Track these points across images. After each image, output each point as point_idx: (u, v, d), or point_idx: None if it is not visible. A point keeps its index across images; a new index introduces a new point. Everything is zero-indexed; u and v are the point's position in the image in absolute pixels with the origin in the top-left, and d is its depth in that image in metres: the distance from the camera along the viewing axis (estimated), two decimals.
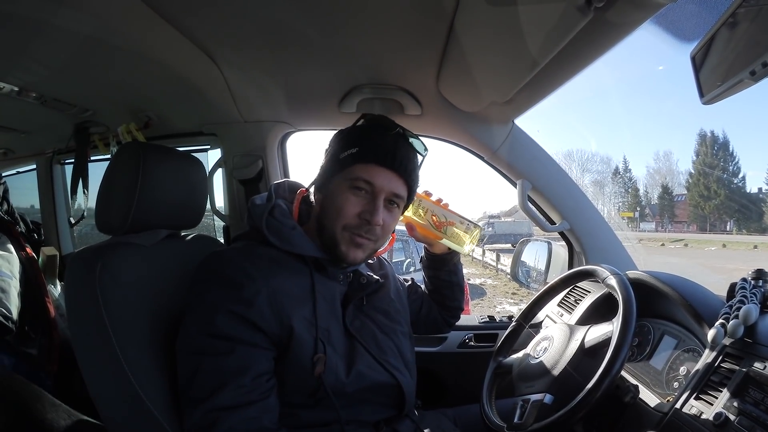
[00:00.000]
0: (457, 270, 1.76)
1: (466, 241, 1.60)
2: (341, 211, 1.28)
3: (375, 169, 1.28)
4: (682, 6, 0.99)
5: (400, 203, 1.36)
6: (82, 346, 1.21)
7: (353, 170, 1.29)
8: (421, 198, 1.59)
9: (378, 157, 1.28)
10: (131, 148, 1.41)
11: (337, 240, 1.29)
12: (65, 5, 1.25)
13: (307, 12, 1.32)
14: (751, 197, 71.38)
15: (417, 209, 1.59)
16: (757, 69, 0.80)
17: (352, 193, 1.28)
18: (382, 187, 1.28)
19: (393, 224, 1.38)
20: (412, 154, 1.37)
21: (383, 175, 1.29)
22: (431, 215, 1.59)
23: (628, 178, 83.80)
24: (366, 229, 1.29)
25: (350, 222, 1.28)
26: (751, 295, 1.25)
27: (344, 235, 1.29)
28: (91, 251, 1.25)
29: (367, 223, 1.28)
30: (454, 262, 1.74)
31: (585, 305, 1.85)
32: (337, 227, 1.28)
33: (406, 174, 1.32)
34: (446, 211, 1.60)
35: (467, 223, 1.60)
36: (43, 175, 3.12)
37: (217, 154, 2.38)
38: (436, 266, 1.73)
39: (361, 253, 1.32)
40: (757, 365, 1.07)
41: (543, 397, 1.34)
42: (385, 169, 1.29)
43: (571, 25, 1.02)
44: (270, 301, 1.16)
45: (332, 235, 1.29)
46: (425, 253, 1.76)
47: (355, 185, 1.28)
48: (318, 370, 1.19)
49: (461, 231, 1.59)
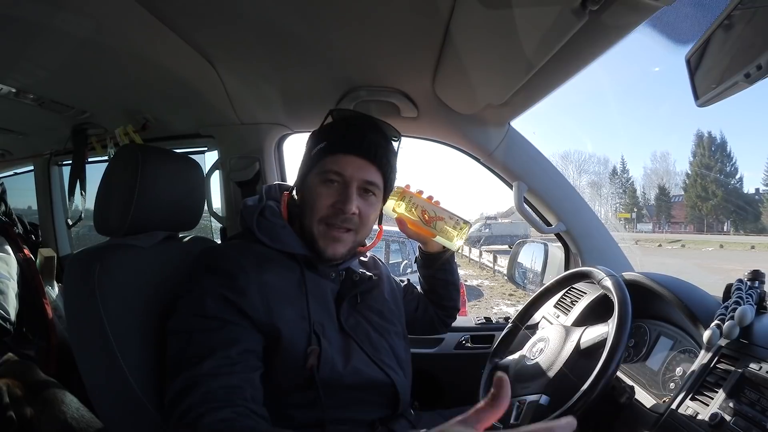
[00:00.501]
0: (451, 268, 1.77)
1: (455, 236, 1.61)
2: (315, 205, 1.30)
3: (344, 159, 1.30)
4: (677, 8, 1.00)
5: (376, 191, 1.37)
6: (81, 348, 1.22)
7: (323, 164, 1.31)
8: (411, 194, 1.61)
9: (345, 147, 1.30)
10: (130, 150, 1.41)
11: (314, 235, 1.31)
12: (64, 8, 1.26)
13: (303, 15, 1.32)
14: (748, 198, 71.61)
15: (408, 206, 1.61)
16: (752, 71, 0.81)
17: (324, 187, 1.30)
18: (353, 175, 1.30)
19: (372, 213, 1.38)
20: (383, 140, 1.38)
21: (353, 164, 1.30)
22: (421, 211, 1.60)
23: (626, 179, 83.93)
24: (341, 219, 1.29)
25: (324, 213, 1.29)
26: (747, 296, 1.25)
27: (320, 228, 1.30)
28: (89, 253, 1.26)
29: (341, 212, 1.29)
30: (446, 259, 1.74)
31: (581, 307, 1.85)
32: (314, 221, 1.30)
33: (376, 160, 1.33)
34: (436, 207, 1.62)
35: (456, 219, 1.61)
36: (41, 176, 3.12)
37: (214, 156, 2.37)
38: (431, 265, 1.74)
39: (341, 247, 1.33)
40: (752, 366, 1.07)
41: (539, 398, 1.34)
42: (354, 157, 1.30)
43: (566, 27, 1.03)
44: (261, 294, 1.18)
45: (310, 231, 1.31)
46: (419, 252, 1.77)
47: (327, 178, 1.30)
48: (311, 362, 1.19)
49: (450, 227, 1.61)
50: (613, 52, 1.19)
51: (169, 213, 1.48)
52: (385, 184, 1.40)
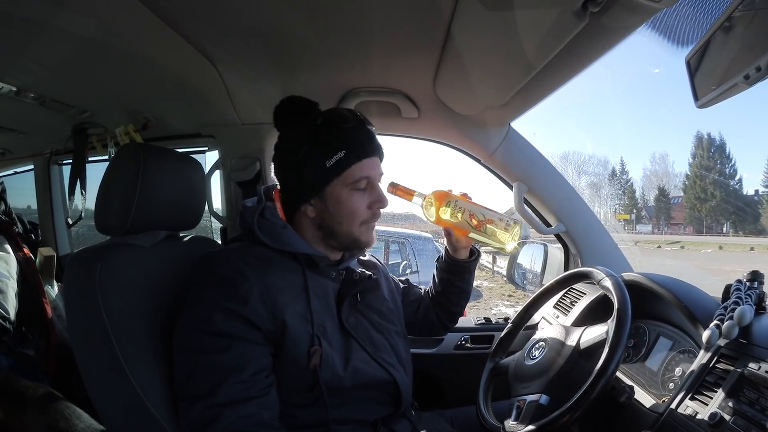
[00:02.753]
0: (471, 278, 1.75)
1: (507, 239, 1.54)
2: (356, 213, 1.34)
3: (368, 163, 1.33)
4: (677, 10, 1.00)
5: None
6: (81, 347, 1.22)
7: (351, 173, 1.31)
8: (457, 199, 1.56)
9: (366, 152, 1.33)
10: (131, 149, 1.41)
11: (355, 236, 1.36)
12: (65, 7, 1.26)
13: (305, 15, 1.33)
14: (748, 199, 71.45)
15: (455, 212, 1.54)
16: (751, 73, 0.81)
17: (357, 195, 1.33)
18: (376, 174, 1.37)
19: None
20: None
21: (372, 165, 1.35)
22: (469, 215, 1.54)
23: (625, 181, 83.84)
24: (377, 215, 1.40)
25: (365, 217, 1.35)
26: (746, 297, 1.25)
27: (362, 229, 1.36)
28: (90, 252, 1.26)
29: (379, 210, 1.39)
30: (473, 270, 1.74)
31: (580, 307, 1.86)
32: (354, 227, 1.35)
33: (382, 153, 1.40)
34: (484, 210, 1.55)
35: (507, 220, 1.54)
36: (41, 175, 3.12)
37: (215, 155, 2.37)
38: (454, 272, 1.71)
39: (373, 232, 1.43)
40: (752, 366, 1.08)
41: (539, 398, 1.34)
42: (373, 158, 1.35)
43: (567, 29, 1.03)
44: (263, 298, 1.18)
45: (350, 235, 1.36)
46: (445, 256, 1.72)
47: (358, 186, 1.33)
48: (314, 362, 1.20)
49: (501, 228, 1.54)
50: (614, 53, 1.20)
51: (170, 212, 1.48)
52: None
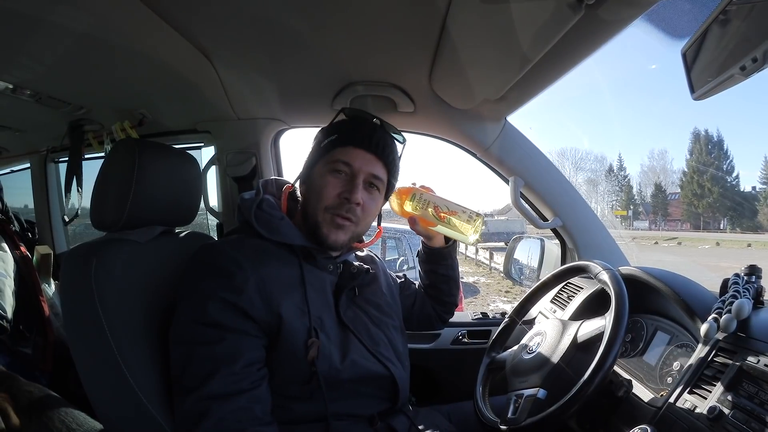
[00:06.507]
0: (453, 264, 1.78)
1: (469, 230, 1.59)
2: (322, 193, 1.33)
3: (353, 151, 1.35)
4: (673, 3, 1.00)
5: (380, 186, 1.41)
6: (78, 343, 1.22)
7: (333, 154, 1.35)
8: (421, 191, 1.61)
9: (356, 140, 1.35)
10: (127, 144, 1.41)
11: (318, 222, 1.33)
12: (61, 2, 1.25)
13: (300, 9, 1.32)
14: (745, 195, 71.74)
15: (417, 202, 1.59)
16: (747, 64, 0.81)
17: (332, 176, 1.34)
18: (360, 167, 1.35)
19: (374, 208, 1.42)
20: (390, 140, 1.43)
21: (361, 157, 1.35)
22: (434, 207, 1.59)
23: (623, 177, 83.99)
24: (346, 209, 1.33)
25: (331, 203, 1.33)
26: (744, 290, 1.25)
27: (326, 216, 1.33)
28: (86, 247, 1.26)
29: (347, 202, 1.33)
30: (450, 253, 1.75)
31: (578, 301, 1.86)
32: (319, 209, 1.33)
33: (384, 156, 1.38)
34: (447, 202, 1.61)
35: (469, 213, 1.60)
36: (37, 173, 3.10)
37: (211, 151, 2.37)
38: (435, 260, 1.75)
39: (342, 234, 1.35)
40: (750, 359, 1.08)
41: (536, 392, 1.35)
42: (363, 151, 1.35)
43: (562, 22, 1.03)
44: (259, 288, 1.18)
45: (314, 218, 1.34)
46: (423, 248, 1.77)
47: (335, 168, 1.34)
48: (311, 354, 1.20)
49: (464, 221, 1.59)
50: (610, 46, 1.20)
51: (165, 208, 1.48)
52: (389, 182, 1.44)
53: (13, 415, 1.35)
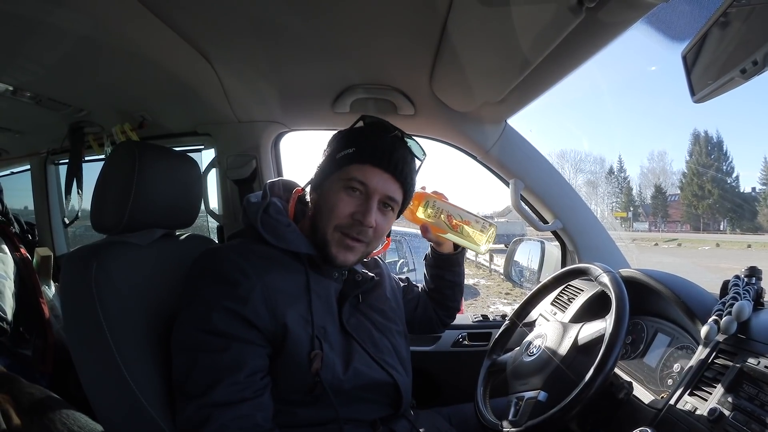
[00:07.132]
0: (460, 270, 1.76)
1: (482, 240, 1.59)
2: (334, 211, 1.27)
3: (370, 170, 1.28)
4: (673, 5, 1.00)
5: (394, 206, 1.36)
6: (78, 345, 1.22)
7: (349, 170, 1.28)
8: (434, 198, 1.59)
9: (374, 159, 1.28)
10: (127, 147, 1.41)
11: (327, 240, 1.28)
12: (62, 5, 1.25)
13: (301, 12, 1.32)
14: (745, 197, 71.71)
15: (431, 210, 1.58)
16: (748, 67, 0.81)
17: (345, 193, 1.28)
18: (376, 188, 1.28)
19: (386, 228, 1.37)
20: (409, 157, 1.36)
21: (378, 177, 1.28)
22: (447, 215, 1.58)
23: (623, 178, 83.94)
24: (357, 230, 1.28)
25: (342, 222, 1.27)
26: (744, 292, 1.25)
27: (335, 235, 1.28)
28: (86, 250, 1.25)
29: (360, 224, 1.27)
30: (458, 260, 1.74)
31: (578, 303, 1.86)
32: (329, 227, 1.28)
33: (401, 177, 1.32)
34: (460, 211, 1.59)
35: (483, 222, 1.59)
36: (37, 175, 3.11)
37: (211, 154, 2.38)
38: (443, 266, 1.73)
39: (352, 256, 1.31)
40: (750, 361, 1.07)
41: (537, 395, 1.34)
42: (381, 171, 1.28)
43: (563, 25, 1.03)
44: (265, 298, 1.16)
45: (323, 236, 1.29)
46: (432, 252, 1.75)
47: (350, 185, 1.27)
48: (315, 366, 1.18)
49: (477, 230, 1.58)
50: (610, 48, 1.20)
51: (166, 211, 1.47)
52: (404, 200, 1.39)
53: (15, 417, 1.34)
